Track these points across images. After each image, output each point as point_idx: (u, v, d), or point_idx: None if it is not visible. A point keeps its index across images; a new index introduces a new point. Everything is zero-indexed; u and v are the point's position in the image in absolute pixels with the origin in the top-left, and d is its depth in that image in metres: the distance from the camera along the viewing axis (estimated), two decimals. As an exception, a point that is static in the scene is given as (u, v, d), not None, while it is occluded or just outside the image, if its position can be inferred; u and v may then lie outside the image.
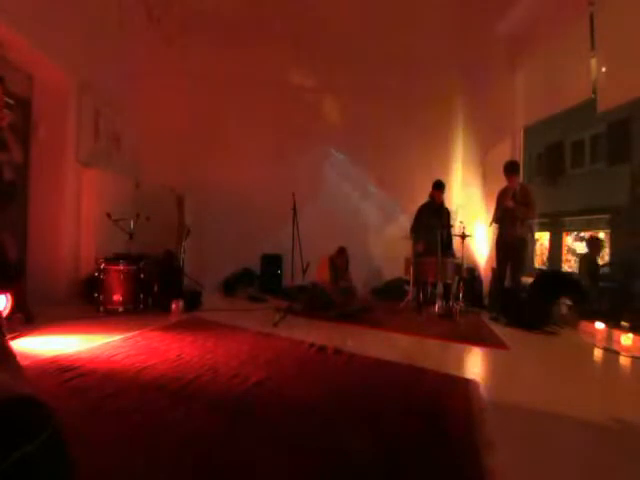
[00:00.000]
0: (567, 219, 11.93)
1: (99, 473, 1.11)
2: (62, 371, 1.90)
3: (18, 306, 2.77)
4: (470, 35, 5.04)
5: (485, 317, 4.20)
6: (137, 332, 2.79)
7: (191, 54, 5.14)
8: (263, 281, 5.32)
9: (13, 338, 2.39)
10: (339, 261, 4.55)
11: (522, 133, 5.19)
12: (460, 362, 2.65)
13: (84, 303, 3.65)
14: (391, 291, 5.19)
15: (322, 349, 2.58)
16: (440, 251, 4.15)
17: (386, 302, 4.85)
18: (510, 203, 3.97)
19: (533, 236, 11.26)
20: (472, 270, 5.11)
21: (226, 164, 5.37)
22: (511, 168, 4.09)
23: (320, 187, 5.63)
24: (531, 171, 12.08)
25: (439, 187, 4.54)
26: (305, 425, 1.50)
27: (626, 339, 2.83)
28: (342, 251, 4.59)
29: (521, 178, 4.41)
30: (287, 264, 4.41)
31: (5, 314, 2.61)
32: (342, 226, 5.58)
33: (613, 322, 3.26)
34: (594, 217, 10.85)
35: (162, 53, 5.00)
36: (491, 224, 4.27)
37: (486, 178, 5.37)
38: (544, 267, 12.55)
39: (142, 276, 3.62)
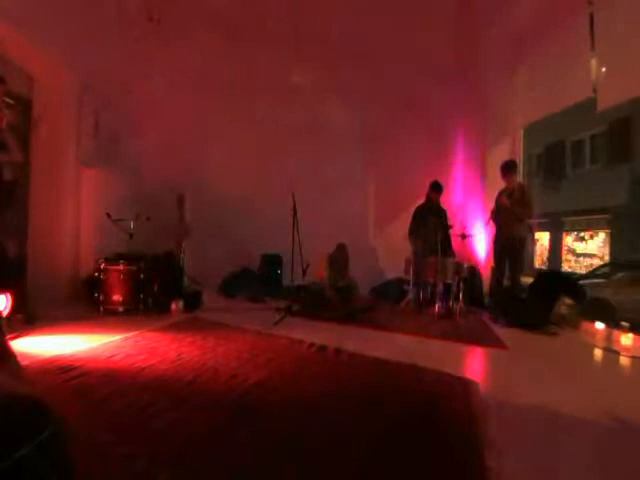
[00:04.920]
0: (567, 219, 11.94)
1: (99, 473, 1.11)
2: (62, 371, 1.90)
3: (18, 306, 2.77)
4: (470, 35, 5.04)
5: (485, 317, 4.20)
6: (137, 332, 2.79)
7: (191, 54, 5.14)
8: (263, 281, 5.31)
9: (13, 338, 2.39)
10: (339, 258, 4.53)
11: (522, 133, 5.19)
12: (460, 362, 2.65)
13: (84, 303, 3.65)
14: (391, 291, 5.18)
15: (322, 349, 2.58)
16: (439, 251, 4.16)
17: (386, 302, 4.85)
18: (506, 201, 3.98)
19: (533, 236, 11.27)
20: (472, 270, 5.11)
21: (226, 164, 5.37)
22: (508, 168, 4.11)
23: (320, 187, 5.62)
24: (531, 171, 12.09)
25: (437, 189, 4.58)
26: (305, 425, 1.50)
27: (626, 339, 2.83)
28: (342, 248, 4.57)
29: (520, 178, 4.41)
30: (287, 264, 4.40)
31: (5, 314, 2.61)
32: (342, 226, 5.57)
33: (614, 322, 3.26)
34: (594, 217, 10.86)
35: (162, 53, 5.00)
36: (488, 223, 4.27)
37: (486, 178, 5.37)
38: (544, 267, 12.56)
39: (142, 276, 3.62)
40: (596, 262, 10.38)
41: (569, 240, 12.05)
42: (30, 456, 0.56)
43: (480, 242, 5.29)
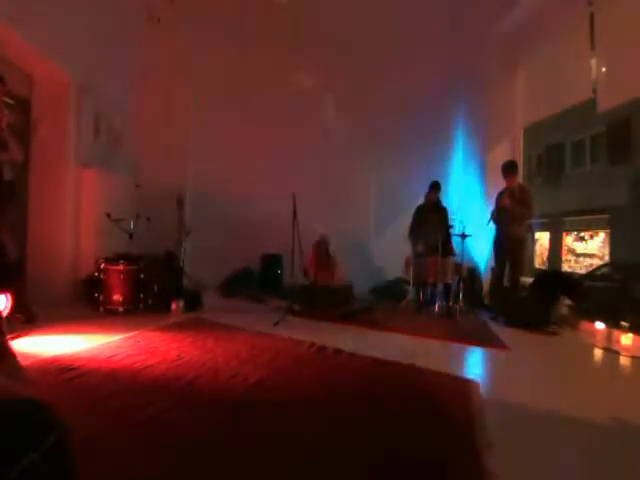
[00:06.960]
0: (567, 219, 11.93)
1: (99, 473, 1.11)
2: (62, 371, 1.90)
3: (18, 306, 2.77)
4: (470, 35, 5.03)
5: (485, 317, 4.20)
6: (137, 332, 2.78)
7: (191, 54, 5.14)
8: (263, 281, 5.31)
9: (13, 338, 2.39)
10: (324, 246, 4.59)
11: (522, 133, 5.19)
12: (460, 362, 2.65)
13: (84, 303, 3.65)
14: (391, 291, 5.18)
15: (322, 349, 2.58)
16: (439, 251, 4.16)
17: (386, 302, 4.85)
18: (507, 202, 3.98)
19: (533, 236, 11.28)
20: (472, 270, 5.10)
21: (227, 163, 5.37)
22: (508, 168, 4.12)
23: (320, 187, 5.62)
24: (531, 171, 12.09)
25: (435, 188, 4.65)
26: (305, 425, 1.50)
27: (626, 339, 2.83)
28: (323, 237, 4.63)
29: (520, 178, 4.41)
30: (287, 264, 4.41)
31: (5, 314, 2.61)
32: (342, 226, 5.57)
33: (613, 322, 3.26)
34: (594, 217, 10.86)
35: (162, 53, 5.00)
36: (488, 223, 4.28)
37: (486, 178, 5.37)
38: (544, 267, 12.55)
39: (142, 276, 3.62)
40: (596, 262, 10.37)
41: (569, 240, 12.04)
42: (37, 462, 0.56)
43: (480, 242, 5.29)
